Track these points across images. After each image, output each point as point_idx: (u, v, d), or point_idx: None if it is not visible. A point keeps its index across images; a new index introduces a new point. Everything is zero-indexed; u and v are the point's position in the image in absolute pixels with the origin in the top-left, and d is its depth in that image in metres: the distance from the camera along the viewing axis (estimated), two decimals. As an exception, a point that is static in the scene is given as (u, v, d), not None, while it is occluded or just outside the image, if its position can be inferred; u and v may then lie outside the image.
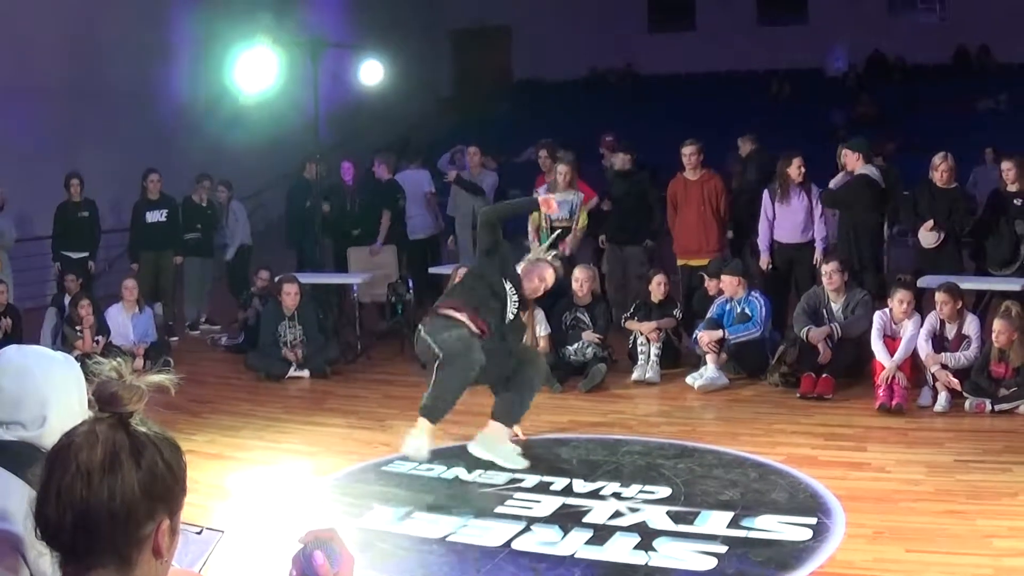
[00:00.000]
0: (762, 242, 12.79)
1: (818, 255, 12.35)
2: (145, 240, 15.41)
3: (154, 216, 15.39)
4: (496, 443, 8.57)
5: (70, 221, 15.21)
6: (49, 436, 2.98)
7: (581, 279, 11.97)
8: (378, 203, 15.25)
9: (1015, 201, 12.09)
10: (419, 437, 8.22)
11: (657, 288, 12.06)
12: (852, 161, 12.42)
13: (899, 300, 10.60)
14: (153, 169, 15.47)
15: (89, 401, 2.27)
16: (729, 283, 11.67)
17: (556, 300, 12.00)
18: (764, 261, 12.79)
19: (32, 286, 16.50)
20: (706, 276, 12.26)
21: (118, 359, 2.28)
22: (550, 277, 9.16)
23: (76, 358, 10.23)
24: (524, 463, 8.40)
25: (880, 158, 13.22)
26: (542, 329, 11.71)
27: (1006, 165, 12.29)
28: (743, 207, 13.56)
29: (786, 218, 12.60)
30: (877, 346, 10.52)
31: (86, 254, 15.30)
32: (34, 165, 16.16)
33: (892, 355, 10.35)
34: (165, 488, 2.20)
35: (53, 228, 15.37)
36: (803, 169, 12.55)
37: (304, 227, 15.56)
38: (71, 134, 17.67)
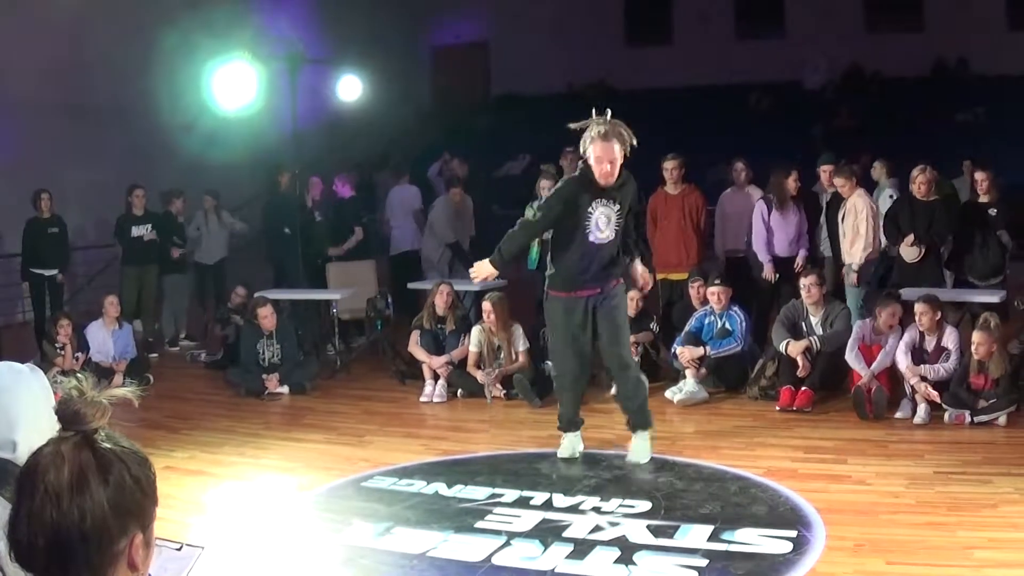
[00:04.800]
0: (763, 254, 12.79)
1: (799, 261, 12.44)
2: (130, 256, 15.39)
3: (139, 231, 15.37)
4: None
5: (40, 237, 15.07)
6: (23, 457, 2.97)
7: None
8: (339, 220, 15.40)
9: (990, 211, 12.15)
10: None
11: (630, 303, 12.08)
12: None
13: (890, 313, 10.64)
14: (138, 184, 15.47)
15: None
16: (724, 294, 11.69)
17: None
18: (768, 272, 12.78)
19: (1, 303, 16.47)
20: (691, 284, 12.25)
21: (79, 374, 2.27)
22: None
23: (56, 375, 10.18)
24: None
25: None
26: (521, 344, 11.72)
27: (980, 176, 12.38)
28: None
29: (783, 230, 12.67)
30: (851, 357, 10.56)
31: (56, 271, 15.21)
32: (10, 181, 16.09)
33: (868, 361, 10.42)
34: (135, 503, 2.19)
35: (22, 245, 15.24)
36: (798, 183, 12.65)
37: (283, 243, 15.52)
38: (49, 150, 17.60)
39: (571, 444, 9.18)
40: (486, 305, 11.78)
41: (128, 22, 18.64)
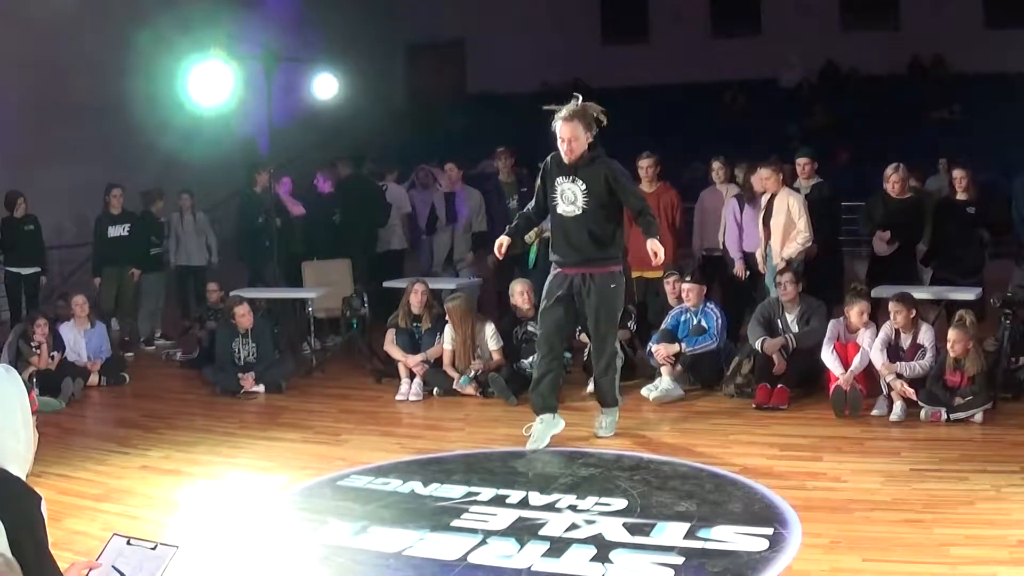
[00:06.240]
0: (735, 250, 12.81)
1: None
2: (108, 255, 15.34)
3: (116, 231, 15.34)
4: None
5: (15, 237, 15.08)
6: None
7: (523, 291, 11.98)
8: (314, 217, 15.39)
9: (968, 209, 12.15)
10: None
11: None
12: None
13: (858, 311, 10.64)
14: (115, 184, 15.42)
15: None
16: (693, 292, 11.67)
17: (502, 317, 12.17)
18: (739, 268, 12.80)
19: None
20: (667, 280, 12.22)
21: None
22: None
23: (32, 374, 10.10)
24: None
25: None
26: (494, 342, 11.70)
27: (958, 174, 12.37)
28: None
29: (753, 226, 12.64)
30: (827, 356, 10.54)
31: (36, 269, 15.22)
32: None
33: (844, 359, 10.41)
34: None
35: None
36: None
37: (255, 242, 15.44)
38: (25, 148, 17.52)
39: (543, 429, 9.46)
40: (446, 308, 11.90)
41: (104, 21, 18.56)
